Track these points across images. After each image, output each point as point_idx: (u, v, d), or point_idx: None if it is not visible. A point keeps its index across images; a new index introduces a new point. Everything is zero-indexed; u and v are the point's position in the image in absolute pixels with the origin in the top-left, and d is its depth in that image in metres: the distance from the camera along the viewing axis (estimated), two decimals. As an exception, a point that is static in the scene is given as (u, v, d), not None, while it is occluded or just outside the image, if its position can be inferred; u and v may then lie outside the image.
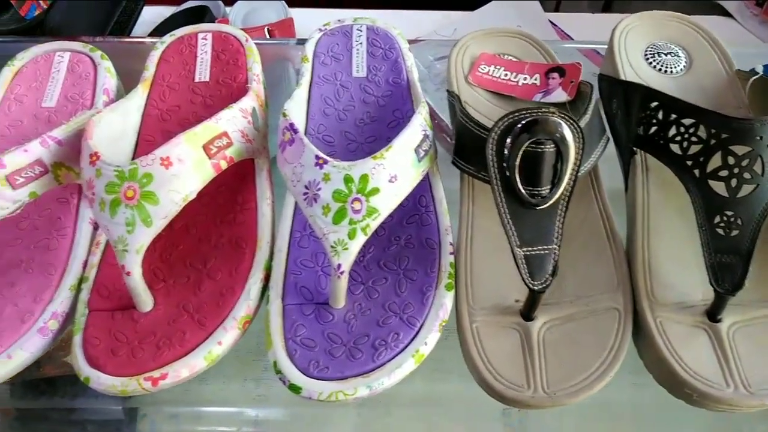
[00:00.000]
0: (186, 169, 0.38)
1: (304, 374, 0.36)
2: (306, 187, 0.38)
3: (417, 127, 0.40)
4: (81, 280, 0.41)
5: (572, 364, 0.37)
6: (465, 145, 0.42)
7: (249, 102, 0.44)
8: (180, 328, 0.38)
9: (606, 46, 0.52)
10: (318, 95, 0.48)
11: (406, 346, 0.38)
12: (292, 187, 0.39)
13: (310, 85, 0.48)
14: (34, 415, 0.48)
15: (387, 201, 0.38)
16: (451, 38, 0.82)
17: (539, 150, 0.37)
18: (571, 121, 0.37)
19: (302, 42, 0.53)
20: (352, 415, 0.49)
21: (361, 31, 0.52)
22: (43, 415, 0.47)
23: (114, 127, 0.45)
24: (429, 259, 0.41)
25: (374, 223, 0.37)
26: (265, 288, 0.40)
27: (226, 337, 0.38)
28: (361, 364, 0.37)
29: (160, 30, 0.79)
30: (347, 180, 0.37)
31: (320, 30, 0.51)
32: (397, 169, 0.38)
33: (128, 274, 0.37)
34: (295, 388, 0.36)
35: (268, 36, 0.71)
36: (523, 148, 0.37)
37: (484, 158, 0.39)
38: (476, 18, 0.88)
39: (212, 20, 0.79)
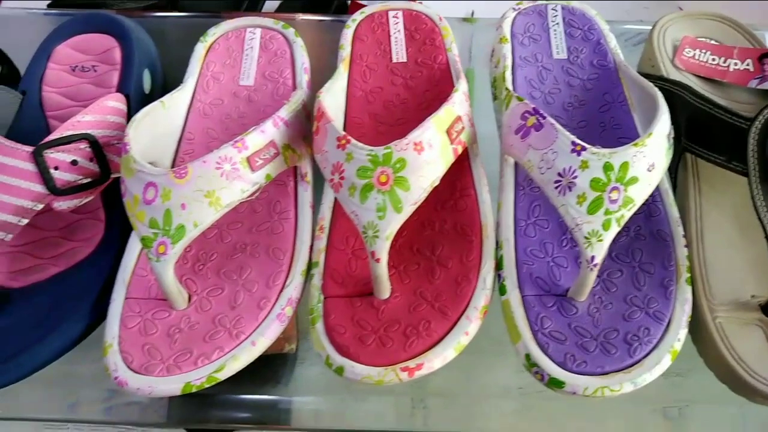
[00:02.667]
0: (435, 154, 0.37)
1: (562, 368, 0.35)
2: (560, 175, 0.36)
3: (667, 114, 0.38)
4: (310, 266, 0.40)
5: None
6: (710, 133, 0.41)
7: (465, 85, 0.42)
8: (422, 317, 0.37)
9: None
10: (522, 77, 0.46)
11: (658, 342, 0.36)
12: (539, 174, 0.37)
13: (513, 67, 0.47)
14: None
15: (643, 190, 0.36)
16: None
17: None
18: None
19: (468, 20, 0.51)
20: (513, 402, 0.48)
21: (556, 11, 0.50)
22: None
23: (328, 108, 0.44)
24: (664, 252, 0.40)
25: (628, 214, 0.36)
26: (495, 277, 0.39)
27: (470, 327, 0.37)
28: (618, 360, 0.35)
29: (284, 7, 0.78)
30: (607, 168, 0.35)
31: (513, 9, 0.50)
32: (655, 157, 0.36)
33: (377, 260, 0.36)
34: (557, 383, 0.35)
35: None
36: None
37: (734, 147, 0.37)
38: None
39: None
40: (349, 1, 0.78)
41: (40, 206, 0.37)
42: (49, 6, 0.67)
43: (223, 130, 0.44)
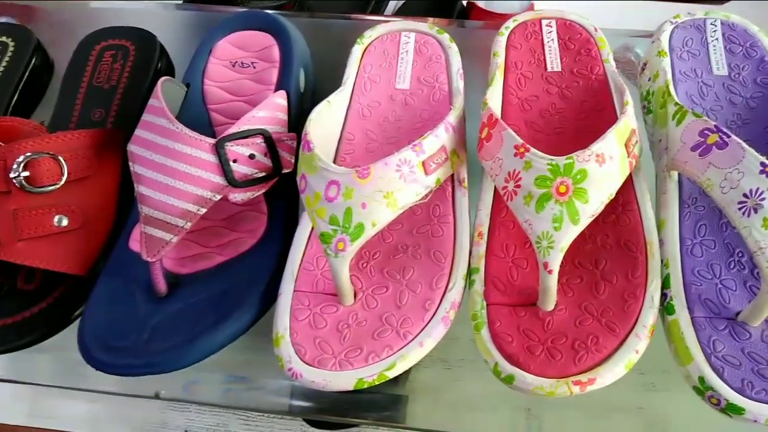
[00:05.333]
0: (615, 167, 0.36)
1: (741, 395, 0.35)
2: (745, 196, 0.35)
3: None
4: (470, 271, 0.40)
5: None
6: None
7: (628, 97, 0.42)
8: (589, 332, 0.37)
9: None
10: (683, 92, 0.45)
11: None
12: (720, 194, 0.36)
13: (674, 82, 0.46)
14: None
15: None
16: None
17: None
18: None
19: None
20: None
21: (715, 26, 0.48)
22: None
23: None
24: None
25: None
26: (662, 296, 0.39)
27: (640, 345, 0.36)
28: (799, 391, 0.34)
29: (405, 8, 0.78)
30: (798, 191, 0.34)
31: (671, 22, 0.49)
32: None
33: (550, 272, 0.36)
34: (736, 409, 0.34)
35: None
36: None
37: None
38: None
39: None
40: (465, 2, 0.78)
41: (218, 197, 0.39)
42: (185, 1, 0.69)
43: (380, 133, 0.45)
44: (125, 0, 0.87)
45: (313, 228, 0.41)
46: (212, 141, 0.39)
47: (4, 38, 0.53)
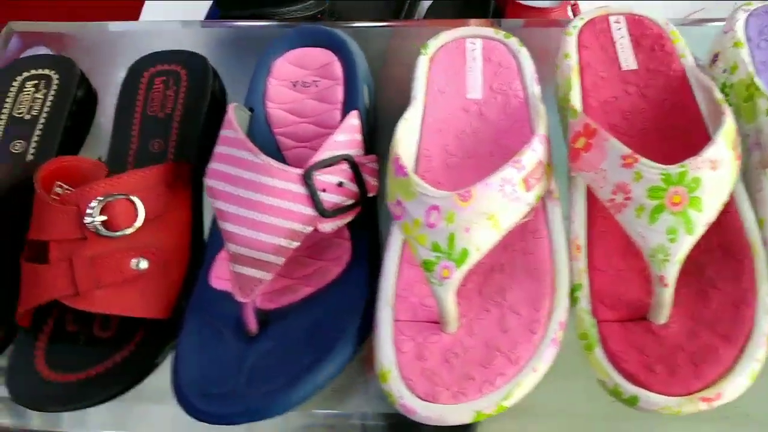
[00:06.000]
0: (726, 171, 0.35)
1: None
2: None
3: None
4: (573, 288, 0.39)
5: None
6: None
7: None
8: (705, 343, 0.35)
9: None
10: (766, 83, 0.44)
11: None
12: None
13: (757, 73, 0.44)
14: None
15: None
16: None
17: None
18: None
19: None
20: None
21: (791, 11, 0.47)
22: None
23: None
24: None
25: None
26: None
27: (759, 354, 0.34)
28: None
29: (434, 9, 0.76)
30: None
31: (744, 10, 0.47)
32: None
33: (665, 285, 0.34)
34: None
35: (571, 14, 0.67)
36: None
37: None
38: None
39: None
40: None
41: (310, 229, 0.37)
42: (221, 16, 0.67)
43: (459, 147, 0.43)
44: (144, 21, 0.85)
45: (403, 252, 0.40)
46: (300, 171, 0.37)
47: (47, 71, 0.51)
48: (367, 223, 0.42)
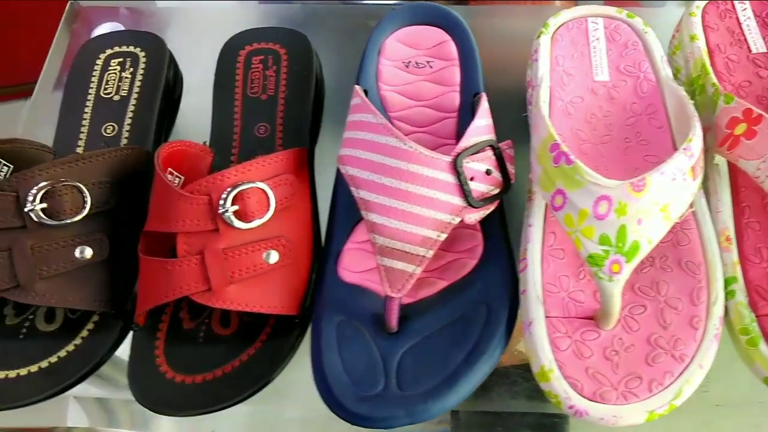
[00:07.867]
0: None
1: None
2: None
3: None
4: (727, 281, 0.37)
5: None
6: None
7: None
8: None
9: None
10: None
11: None
12: None
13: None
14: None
15: None
16: None
17: None
18: None
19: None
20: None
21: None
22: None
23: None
24: None
25: None
26: None
27: None
28: None
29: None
30: None
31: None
32: None
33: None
34: None
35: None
36: None
37: None
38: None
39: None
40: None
41: (458, 220, 0.35)
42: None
43: (590, 131, 0.41)
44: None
45: (544, 244, 0.38)
46: (449, 159, 0.35)
47: (131, 48, 0.48)
48: (497, 211, 0.40)
